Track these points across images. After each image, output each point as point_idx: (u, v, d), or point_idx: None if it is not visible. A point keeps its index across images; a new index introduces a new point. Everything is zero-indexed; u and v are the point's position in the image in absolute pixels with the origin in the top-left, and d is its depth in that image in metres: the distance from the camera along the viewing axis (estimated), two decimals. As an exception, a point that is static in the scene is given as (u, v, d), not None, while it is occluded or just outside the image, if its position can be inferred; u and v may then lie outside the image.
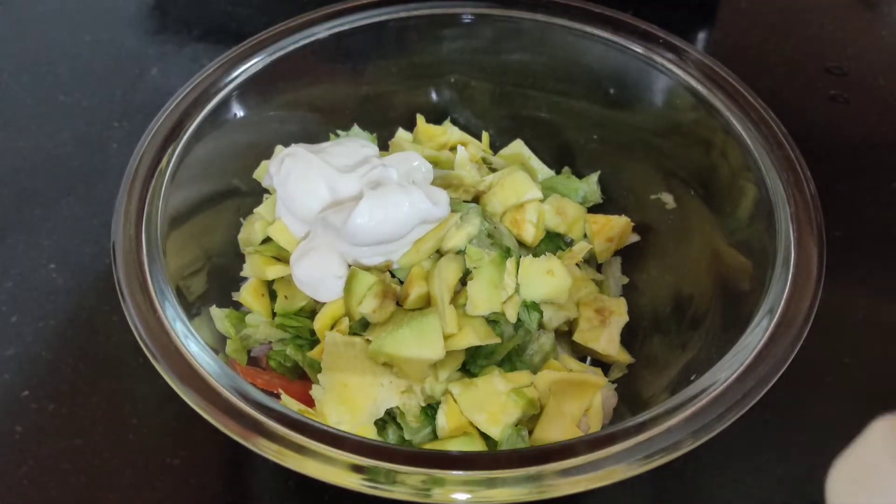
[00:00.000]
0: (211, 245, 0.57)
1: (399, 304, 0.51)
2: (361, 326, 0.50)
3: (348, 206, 0.49)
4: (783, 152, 0.51)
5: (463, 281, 0.51)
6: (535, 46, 0.62)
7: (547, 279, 0.53)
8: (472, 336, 0.48)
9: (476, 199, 0.58)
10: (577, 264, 0.59)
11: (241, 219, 0.59)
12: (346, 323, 0.50)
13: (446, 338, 0.48)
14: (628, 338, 0.57)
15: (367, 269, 0.51)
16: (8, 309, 0.64)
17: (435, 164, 0.58)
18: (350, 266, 0.51)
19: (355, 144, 0.56)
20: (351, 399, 0.47)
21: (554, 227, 0.58)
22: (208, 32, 0.87)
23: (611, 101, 0.61)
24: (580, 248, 0.57)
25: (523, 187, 0.57)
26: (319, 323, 0.50)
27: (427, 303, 0.50)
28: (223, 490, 0.55)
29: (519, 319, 0.52)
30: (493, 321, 0.51)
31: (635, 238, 0.61)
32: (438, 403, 0.49)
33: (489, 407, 0.48)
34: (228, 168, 0.59)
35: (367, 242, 0.48)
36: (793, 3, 0.90)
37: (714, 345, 0.48)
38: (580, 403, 0.49)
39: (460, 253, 0.51)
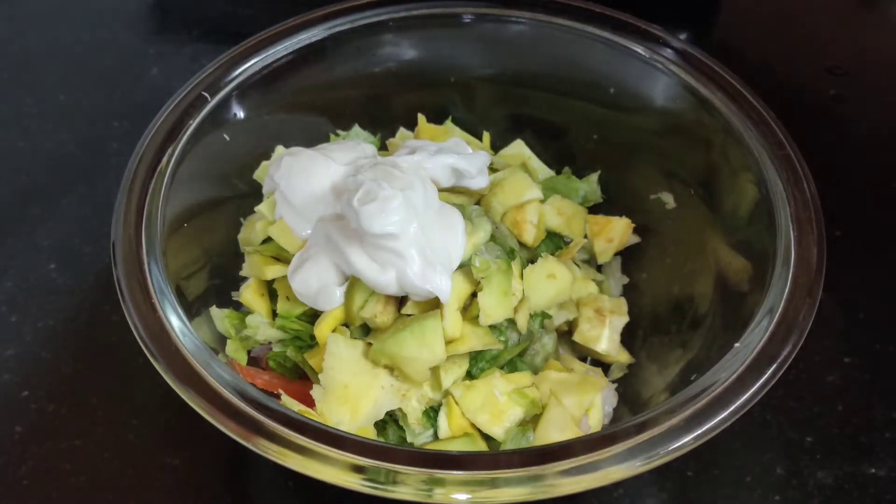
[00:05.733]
0: (211, 245, 0.57)
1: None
2: (362, 332, 0.50)
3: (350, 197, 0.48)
4: (783, 152, 0.51)
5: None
6: (535, 46, 0.62)
7: (549, 283, 0.52)
8: (475, 341, 0.48)
9: (476, 200, 0.58)
10: (577, 264, 0.59)
11: (242, 219, 0.58)
12: (346, 333, 0.50)
13: (448, 342, 0.48)
14: (628, 338, 0.57)
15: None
16: (8, 309, 0.64)
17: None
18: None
19: (355, 144, 0.56)
20: (351, 400, 0.46)
21: (554, 227, 0.58)
22: (208, 32, 0.87)
23: (611, 100, 0.61)
24: (576, 244, 0.57)
25: (524, 188, 0.57)
26: (319, 329, 0.50)
27: (429, 308, 0.50)
28: (223, 490, 0.55)
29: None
30: (495, 326, 0.50)
31: (636, 240, 0.61)
32: (439, 406, 0.49)
33: (491, 408, 0.48)
34: (228, 168, 0.59)
35: (382, 226, 0.47)
36: (793, 3, 0.90)
37: (714, 345, 0.48)
38: (580, 403, 0.49)
39: (465, 266, 0.50)
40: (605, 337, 0.55)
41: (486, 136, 0.65)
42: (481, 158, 0.54)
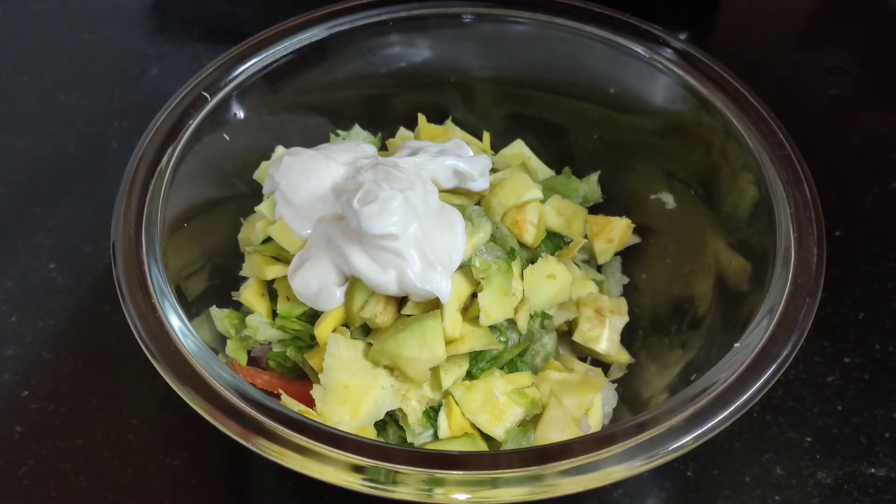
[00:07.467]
0: (211, 245, 0.57)
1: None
2: (363, 332, 0.50)
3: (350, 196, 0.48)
4: (783, 152, 0.51)
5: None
6: (535, 46, 0.62)
7: (550, 284, 0.53)
8: (475, 341, 0.48)
9: (476, 201, 0.58)
10: (577, 264, 0.59)
11: (242, 218, 0.58)
12: (347, 333, 0.50)
13: (448, 342, 0.48)
14: (628, 338, 0.57)
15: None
16: (8, 309, 0.64)
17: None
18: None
19: (355, 145, 0.56)
20: (351, 400, 0.46)
21: (555, 227, 0.58)
22: (208, 32, 0.87)
23: (611, 100, 0.61)
24: (576, 244, 0.57)
25: (524, 188, 0.57)
26: (319, 329, 0.50)
27: (429, 308, 0.50)
28: (223, 490, 0.55)
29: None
30: (495, 327, 0.50)
31: (636, 240, 0.61)
32: (439, 406, 0.49)
33: (491, 408, 0.48)
34: (228, 168, 0.59)
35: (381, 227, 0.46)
36: (793, 2, 0.90)
37: (714, 345, 0.48)
38: (580, 403, 0.49)
39: (465, 266, 0.50)
40: (605, 337, 0.55)
41: (486, 136, 0.65)
42: (483, 161, 0.54)
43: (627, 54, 0.58)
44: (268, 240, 0.55)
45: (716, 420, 0.40)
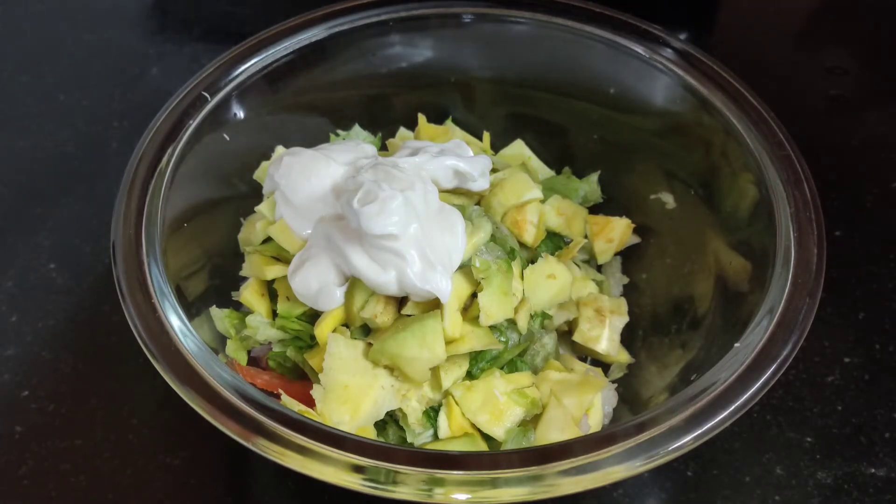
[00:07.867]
0: (211, 245, 0.57)
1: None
2: (363, 332, 0.50)
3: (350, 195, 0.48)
4: (783, 152, 0.51)
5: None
6: (535, 46, 0.62)
7: (550, 284, 0.53)
8: (475, 341, 0.48)
9: (476, 201, 0.58)
10: (577, 264, 0.59)
11: (242, 219, 0.59)
12: (347, 333, 0.50)
13: (449, 342, 0.48)
14: (628, 338, 0.57)
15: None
16: (8, 309, 0.64)
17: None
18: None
19: (355, 144, 0.56)
20: (351, 400, 0.47)
21: (555, 227, 0.58)
22: (208, 32, 0.87)
23: (611, 100, 0.61)
24: (576, 244, 0.57)
25: (524, 187, 0.57)
26: (319, 329, 0.50)
27: (429, 308, 0.50)
28: (223, 490, 0.55)
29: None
30: (495, 327, 0.50)
31: (636, 240, 0.61)
32: (439, 406, 0.49)
33: (491, 408, 0.48)
34: (228, 168, 0.59)
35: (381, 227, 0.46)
36: (793, 2, 0.90)
37: (714, 345, 0.48)
38: (580, 403, 0.49)
39: (465, 266, 0.50)
40: (605, 337, 0.55)
41: (486, 136, 0.65)
42: (483, 161, 0.54)
43: (627, 54, 0.59)
44: (268, 240, 0.55)
45: (716, 420, 0.40)
